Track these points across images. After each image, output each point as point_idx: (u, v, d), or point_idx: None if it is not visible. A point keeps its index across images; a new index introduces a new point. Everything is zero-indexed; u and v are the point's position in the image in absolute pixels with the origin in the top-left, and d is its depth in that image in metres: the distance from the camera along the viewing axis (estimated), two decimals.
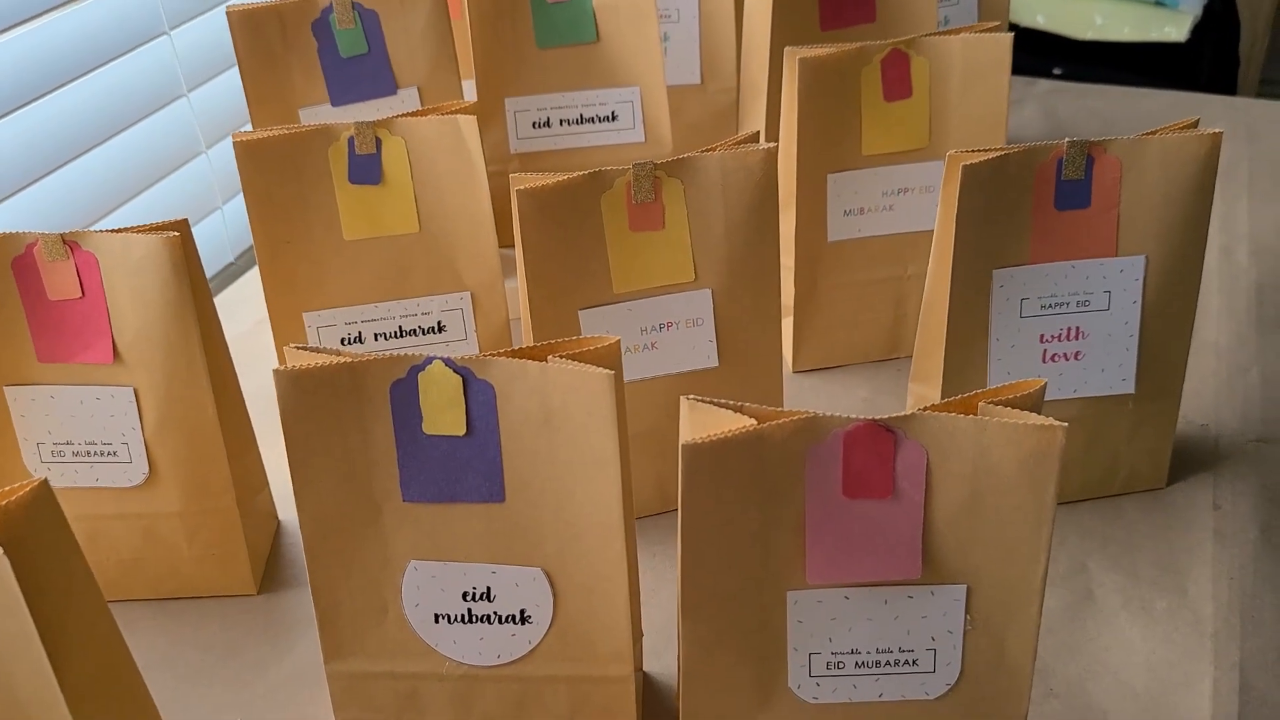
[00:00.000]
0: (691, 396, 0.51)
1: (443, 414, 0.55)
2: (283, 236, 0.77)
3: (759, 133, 0.72)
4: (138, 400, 0.68)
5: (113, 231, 0.64)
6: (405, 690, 0.61)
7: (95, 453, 0.69)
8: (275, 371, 0.53)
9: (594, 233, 0.70)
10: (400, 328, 0.81)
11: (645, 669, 0.67)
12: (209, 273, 1.11)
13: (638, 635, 0.61)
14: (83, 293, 0.66)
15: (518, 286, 0.72)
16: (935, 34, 0.82)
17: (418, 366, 0.54)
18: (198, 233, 1.08)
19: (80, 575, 0.50)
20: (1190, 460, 0.80)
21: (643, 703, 0.63)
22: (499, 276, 0.80)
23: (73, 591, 0.49)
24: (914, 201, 0.87)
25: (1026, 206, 0.69)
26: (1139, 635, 0.68)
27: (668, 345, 0.73)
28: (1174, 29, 1.76)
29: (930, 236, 0.74)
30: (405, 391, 0.55)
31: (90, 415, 0.68)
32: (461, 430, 0.55)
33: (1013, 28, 1.48)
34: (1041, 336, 0.72)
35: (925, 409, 0.49)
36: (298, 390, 0.54)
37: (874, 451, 0.49)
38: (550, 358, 0.53)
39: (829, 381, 0.90)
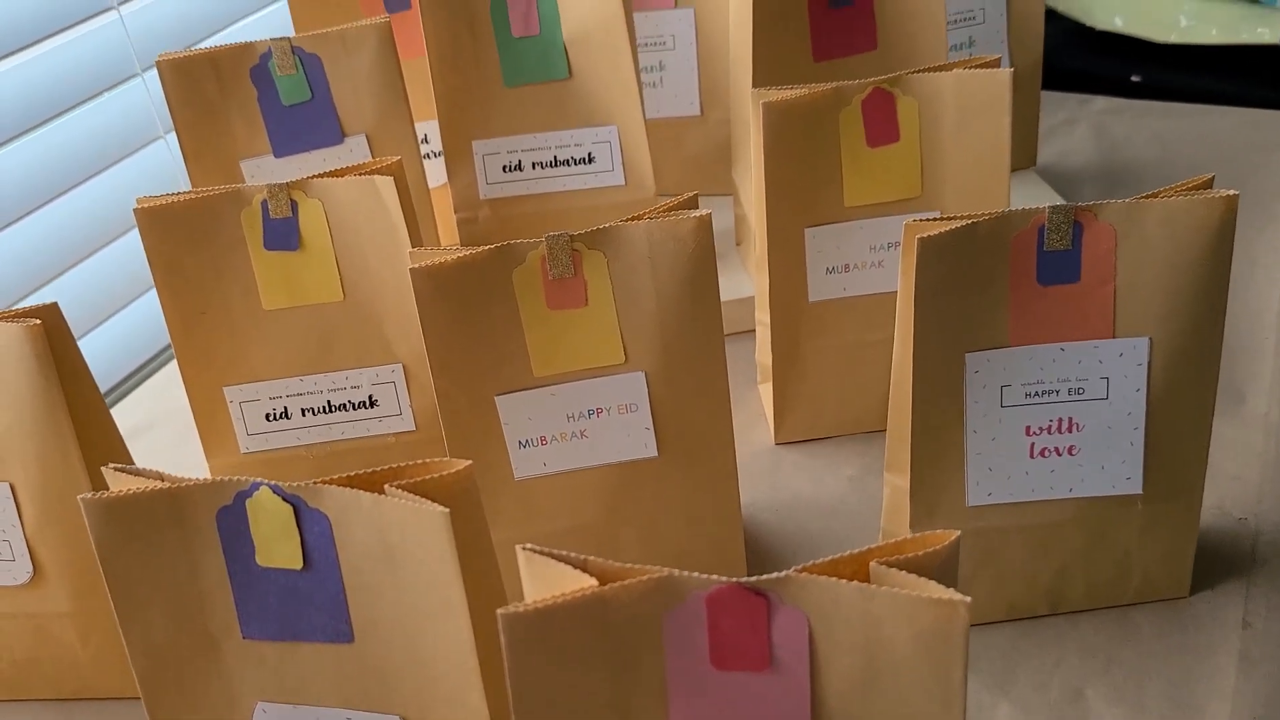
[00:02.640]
0: (527, 546, 0.43)
1: (276, 545, 0.48)
2: (196, 307, 0.71)
3: (695, 196, 0.63)
4: (15, 496, 0.63)
5: None
6: None
7: None
8: (82, 500, 0.47)
9: (508, 312, 0.62)
10: (329, 402, 0.74)
11: None
12: (161, 348, 1.06)
13: None
14: None
15: None
16: (924, 70, 0.72)
17: (244, 492, 0.48)
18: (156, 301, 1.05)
19: None
20: (1222, 563, 0.69)
21: None
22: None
23: None
24: None
25: (1002, 281, 0.59)
26: None
27: (599, 433, 0.65)
28: (1268, 30, 1.59)
29: None
30: (233, 520, 0.48)
31: None
32: (298, 564, 0.48)
33: (1086, 30, 1.35)
34: (1028, 429, 0.62)
35: (802, 569, 0.40)
36: (112, 519, 0.48)
37: (744, 618, 0.41)
38: (388, 486, 0.46)
39: (814, 456, 0.81)
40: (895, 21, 0.86)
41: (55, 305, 0.61)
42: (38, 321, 0.59)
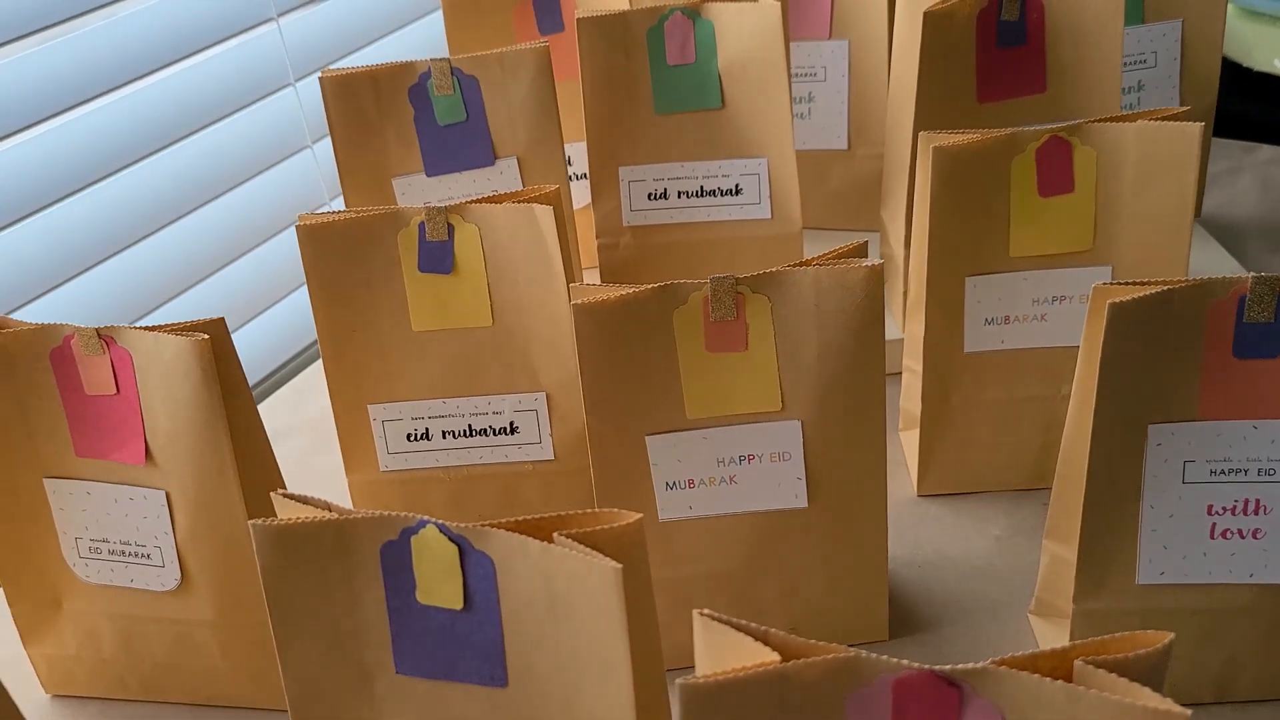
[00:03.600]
0: (705, 612, 0.41)
1: (438, 584, 0.47)
2: (348, 324, 0.72)
3: (865, 243, 0.61)
4: (169, 504, 0.64)
5: (146, 329, 0.60)
6: None
7: (130, 553, 0.66)
8: (252, 525, 0.47)
9: (665, 352, 0.61)
10: (470, 426, 0.74)
11: None
12: (302, 348, 1.08)
13: None
14: (117, 389, 0.62)
15: None
16: (1105, 120, 0.69)
17: (410, 529, 0.47)
18: (297, 304, 1.06)
19: None
20: None
21: None
22: (578, 376, 0.72)
23: None
24: (1071, 311, 0.73)
25: (1195, 352, 0.56)
26: None
27: (749, 480, 0.64)
28: None
29: None
30: (397, 554, 0.47)
31: (124, 515, 0.65)
32: (459, 604, 0.47)
33: (1243, 72, 1.29)
34: (1210, 508, 0.58)
35: (1001, 662, 0.38)
36: (279, 547, 0.48)
37: (933, 708, 0.39)
38: (557, 534, 0.45)
39: (958, 512, 0.78)
40: (1067, 64, 0.82)
41: (222, 320, 0.61)
42: (205, 336, 0.59)
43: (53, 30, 0.83)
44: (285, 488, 0.68)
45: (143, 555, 0.65)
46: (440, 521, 0.46)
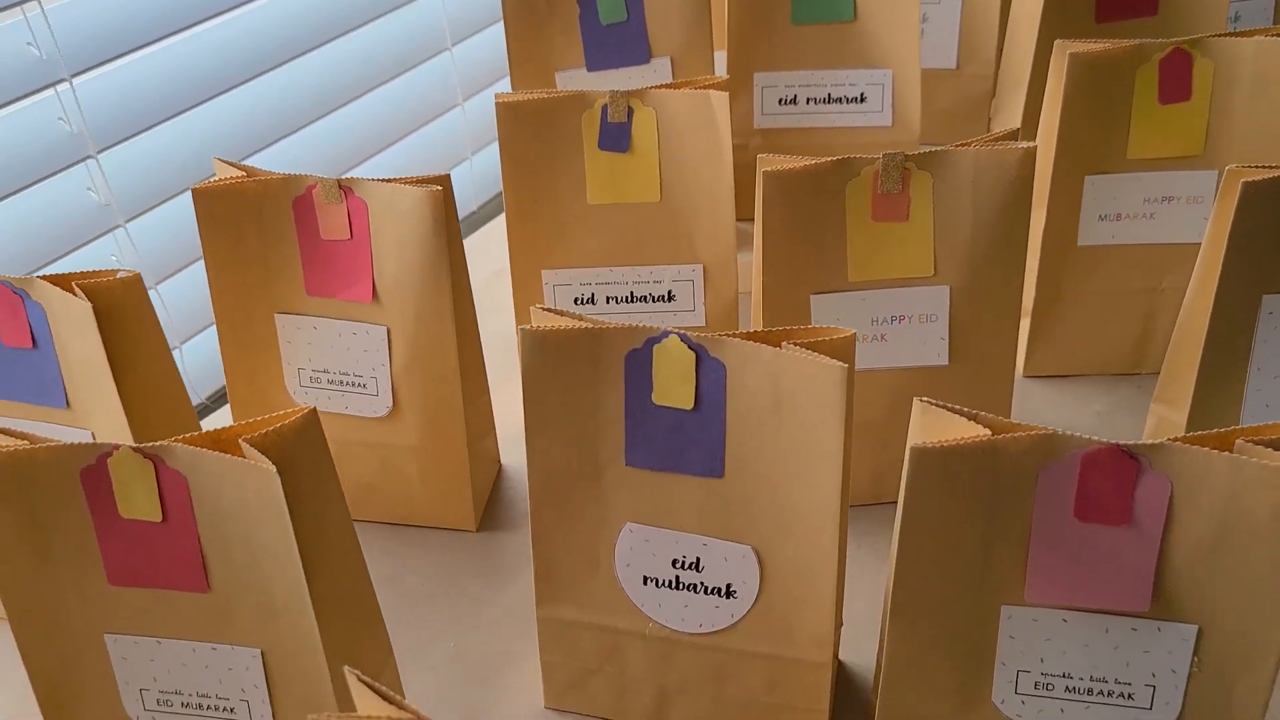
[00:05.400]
0: (924, 399, 0.50)
1: (674, 387, 0.56)
2: (531, 196, 0.80)
3: (1018, 130, 0.69)
4: (389, 339, 0.73)
5: (383, 181, 0.69)
6: (608, 643, 0.63)
7: (348, 383, 0.75)
8: (522, 330, 0.56)
9: (835, 219, 0.69)
10: (632, 293, 0.83)
11: (841, 658, 0.67)
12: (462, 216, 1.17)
13: (838, 624, 0.61)
14: (351, 235, 0.71)
15: (751, 263, 0.73)
16: (1225, 35, 0.77)
17: (654, 339, 0.56)
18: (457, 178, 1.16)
19: (335, 497, 0.54)
20: None
21: (836, 692, 0.63)
22: (733, 252, 0.81)
23: (328, 510, 0.53)
24: (1178, 211, 0.82)
25: None
26: None
27: (898, 338, 0.72)
28: None
29: (1192, 250, 0.69)
30: (640, 361, 0.56)
31: (346, 348, 0.74)
32: (690, 404, 0.56)
33: None
34: None
35: (1176, 439, 0.47)
36: (541, 350, 0.57)
37: (1114, 477, 0.47)
38: (784, 344, 0.54)
39: (1062, 391, 0.87)
40: None
41: (448, 176, 0.70)
42: (439, 188, 0.68)
43: None
44: (479, 336, 0.77)
45: (359, 385, 0.74)
46: (682, 331, 0.55)
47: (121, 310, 0.62)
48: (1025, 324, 0.87)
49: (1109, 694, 0.51)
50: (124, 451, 0.50)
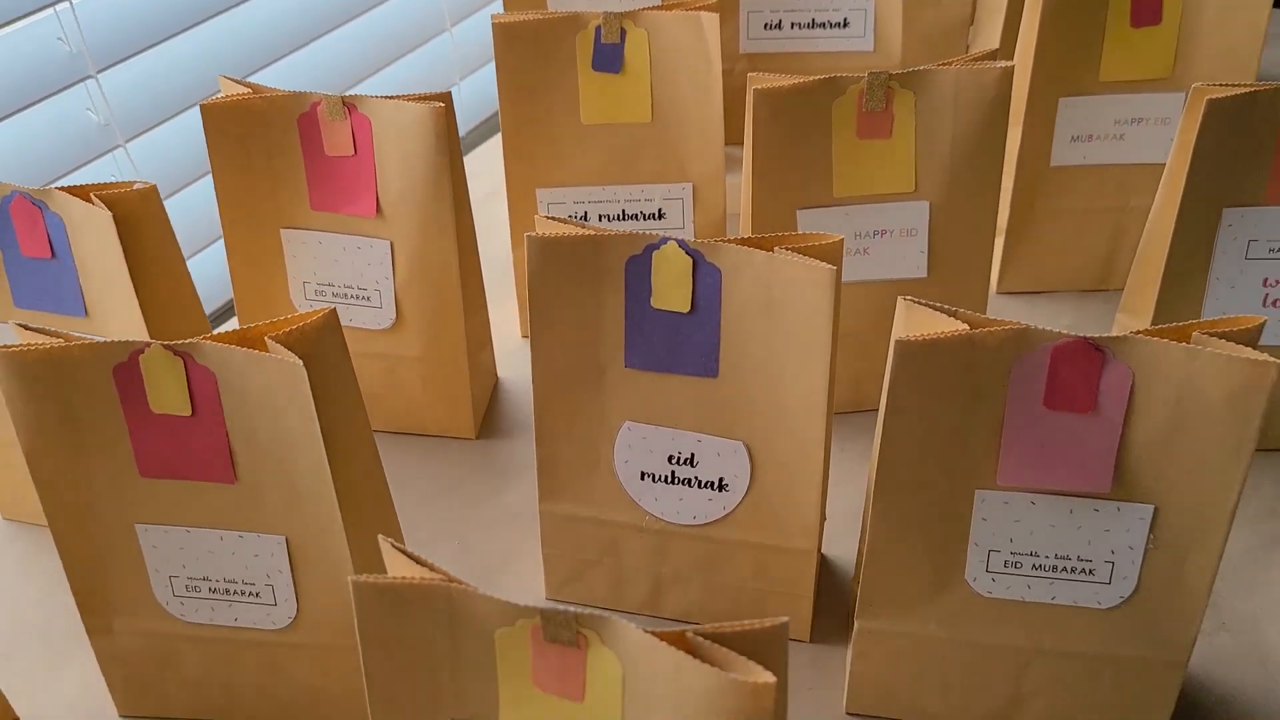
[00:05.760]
0: (908, 298, 0.54)
1: (671, 291, 0.60)
2: (527, 116, 0.83)
3: (996, 51, 0.72)
4: (393, 253, 0.75)
5: (386, 98, 0.71)
6: (607, 537, 0.67)
7: (352, 295, 0.78)
8: (528, 236, 0.59)
9: (822, 136, 0.72)
10: (623, 211, 0.86)
11: (824, 552, 0.71)
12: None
13: (822, 518, 0.65)
14: (355, 151, 0.73)
15: (740, 183, 0.76)
16: None
17: (653, 245, 0.59)
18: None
19: (352, 392, 0.57)
20: None
21: (818, 580, 0.68)
22: (722, 171, 0.84)
23: (348, 405, 0.57)
24: (1147, 132, 0.85)
25: (1270, 147, 0.68)
26: None
27: (879, 252, 0.76)
28: None
29: (1159, 170, 0.73)
30: (639, 267, 0.60)
31: (350, 262, 0.76)
32: (686, 308, 0.60)
33: None
34: (1265, 280, 0.71)
35: (1138, 332, 0.51)
36: (546, 256, 0.60)
37: (1081, 367, 0.52)
38: (776, 249, 0.57)
39: (1033, 306, 0.91)
40: None
41: (449, 93, 0.72)
42: (441, 104, 0.70)
43: None
44: (478, 252, 0.80)
45: (363, 297, 0.77)
46: (681, 239, 0.58)
47: (139, 221, 0.64)
48: (999, 242, 0.91)
49: (1072, 570, 0.56)
50: (155, 349, 0.53)
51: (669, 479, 0.64)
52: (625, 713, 0.41)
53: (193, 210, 0.96)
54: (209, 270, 0.97)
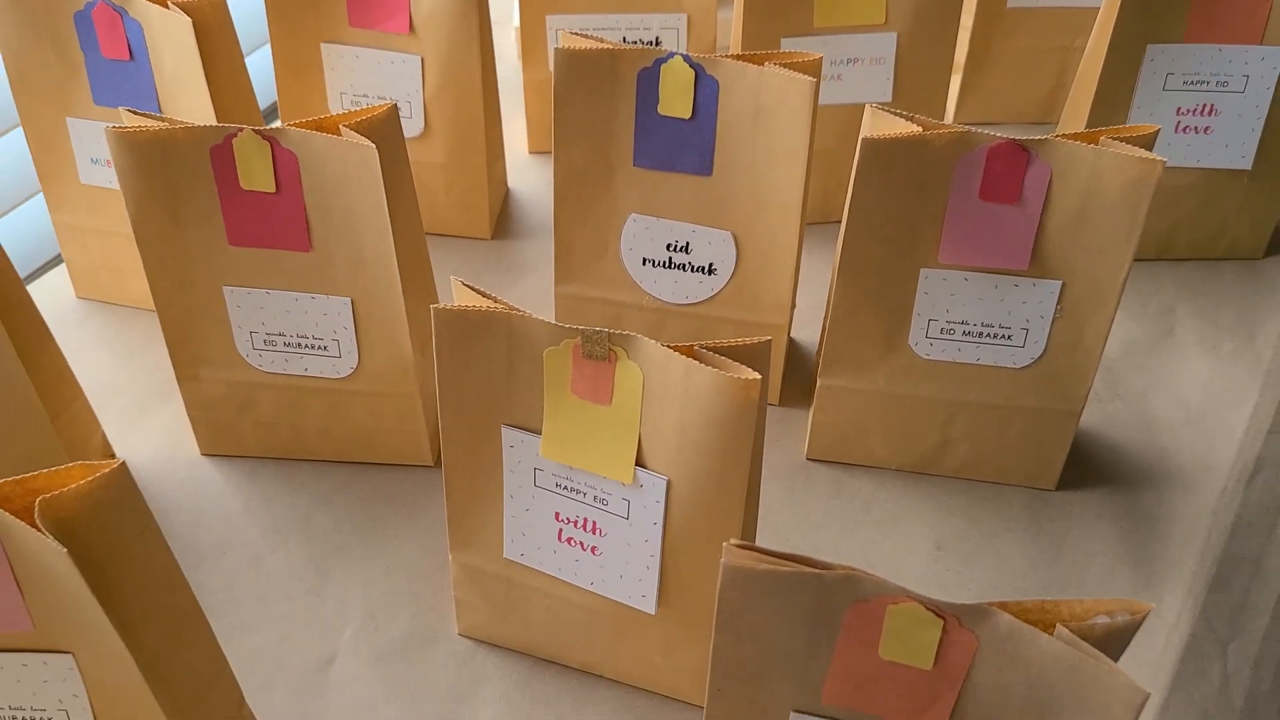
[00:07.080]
0: (874, 104, 0.65)
1: (676, 99, 0.70)
2: None
3: None
4: (423, 67, 0.85)
5: None
6: (612, 314, 0.80)
7: None
8: (556, 50, 0.69)
9: None
10: (624, 38, 0.95)
11: (792, 336, 0.85)
12: None
13: (793, 304, 0.78)
14: None
15: (731, 18, 0.86)
16: None
17: (662, 59, 0.69)
18: None
19: (408, 178, 0.68)
20: None
21: (787, 356, 0.81)
22: (714, 3, 0.93)
23: (404, 188, 0.68)
24: None
25: None
26: (1204, 366, 0.82)
27: (851, 78, 0.87)
28: None
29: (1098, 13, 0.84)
30: (649, 78, 0.70)
31: (385, 75, 0.86)
32: (688, 114, 0.71)
33: None
34: (1178, 109, 0.83)
35: (1058, 135, 0.63)
36: (572, 66, 0.70)
37: (1011, 165, 0.64)
38: (766, 64, 0.68)
39: None
40: None
41: None
42: None
43: None
44: (496, 70, 0.90)
45: None
46: (685, 52, 0.69)
47: (210, 27, 0.73)
48: (957, 79, 1.02)
49: (994, 336, 0.69)
50: (247, 133, 0.64)
51: (666, 264, 0.76)
52: (644, 413, 0.54)
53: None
54: None
